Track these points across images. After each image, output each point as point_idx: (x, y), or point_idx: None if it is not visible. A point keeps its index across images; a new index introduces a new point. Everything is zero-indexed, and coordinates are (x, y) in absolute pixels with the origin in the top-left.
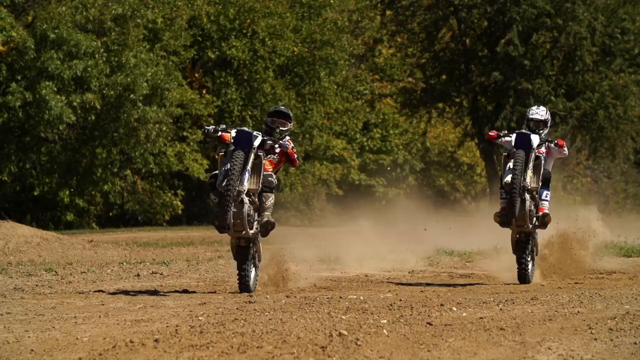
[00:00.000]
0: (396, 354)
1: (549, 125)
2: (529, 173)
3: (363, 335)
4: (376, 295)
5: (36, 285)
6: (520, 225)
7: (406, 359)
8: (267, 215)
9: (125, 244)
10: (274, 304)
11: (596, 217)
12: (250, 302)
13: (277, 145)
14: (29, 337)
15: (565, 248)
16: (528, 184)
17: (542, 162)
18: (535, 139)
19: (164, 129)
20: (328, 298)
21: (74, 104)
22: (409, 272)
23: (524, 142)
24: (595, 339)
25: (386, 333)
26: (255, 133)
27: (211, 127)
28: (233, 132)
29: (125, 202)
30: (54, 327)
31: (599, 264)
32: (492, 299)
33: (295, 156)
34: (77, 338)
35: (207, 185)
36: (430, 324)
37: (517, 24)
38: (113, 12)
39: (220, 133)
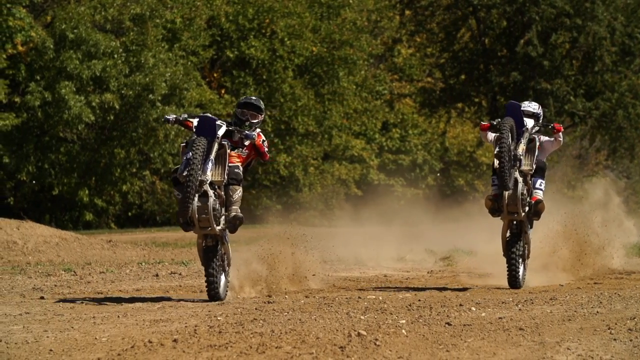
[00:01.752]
0: (415, 354)
1: (540, 120)
2: (522, 146)
3: (382, 335)
4: (395, 295)
5: (55, 285)
6: (512, 211)
7: (425, 359)
8: (235, 209)
9: (144, 244)
10: (293, 304)
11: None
12: (269, 303)
13: (242, 136)
14: (47, 337)
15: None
16: (520, 153)
17: (537, 144)
18: (529, 122)
19: (183, 128)
20: (347, 298)
21: (93, 104)
22: (428, 273)
23: (514, 111)
24: (615, 339)
25: (405, 333)
26: (219, 122)
27: (172, 117)
28: (195, 121)
29: (144, 202)
30: (72, 327)
31: (618, 264)
32: (511, 299)
33: (265, 149)
34: (95, 338)
35: (170, 181)
36: (449, 324)
37: (536, 24)
38: (132, 12)
39: (184, 120)
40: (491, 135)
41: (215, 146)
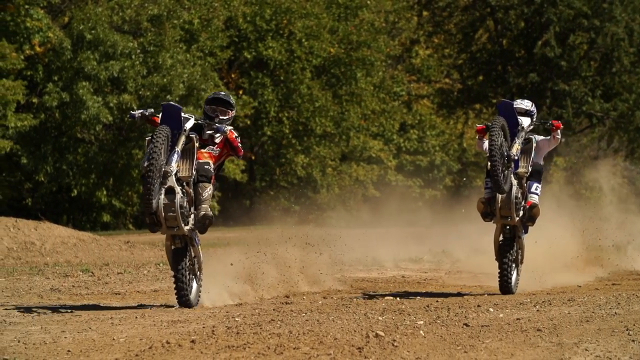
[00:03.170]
0: (433, 355)
1: (534, 118)
2: (516, 146)
3: (400, 336)
4: (413, 296)
5: (72, 286)
6: (505, 215)
7: None
8: (205, 208)
9: (162, 245)
10: (311, 304)
11: None
12: (286, 303)
13: (213, 129)
14: (65, 337)
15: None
16: (514, 154)
17: (534, 145)
18: (525, 120)
19: None
20: (365, 299)
21: (111, 104)
22: (446, 273)
23: (507, 111)
24: (633, 341)
25: (423, 334)
26: (187, 115)
27: (138, 112)
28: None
29: None
30: (90, 328)
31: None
32: (529, 300)
33: (239, 143)
34: (113, 339)
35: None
36: (467, 325)
37: (554, 25)
38: (149, 12)
39: (150, 116)
40: (486, 143)
41: (182, 138)
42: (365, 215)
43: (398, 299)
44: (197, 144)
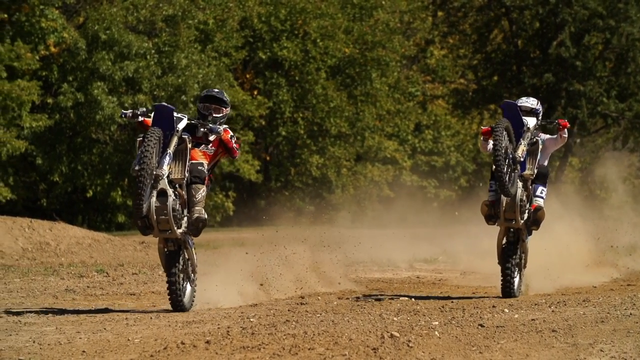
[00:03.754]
0: (448, 355)
1: (539, 117)
2: (522, 147)
3: (415, 336)
4: (427, 296)
5: (87, 286)
6: (509, 218)
7: None
8: (198, 210)
9: None
10: (326, 305)
11: None
12: (301, 304)
13: (206, 130)
14: (80, 338)
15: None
16: (519, 155)
17: (540, 147)
18: (530, 120)
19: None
20: (379, 299)
21: (126, 104)
22: (461, 274)
23: (511, 111)
24: None
25: (438, 335)
26: (180, 114)
27: (129, 111)
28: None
29: None
30: (105, 329)
31: None
32: (544, 301)
33: (234, 144)
34: (128, 339)
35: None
36: (482, 325)
37: (569, 25)
38: (164, 13)
39: (141, 118)
40: (490, 144)
41: (175, 140)
42: (380, 215)
43: (413, 299)
44: (189, 145)
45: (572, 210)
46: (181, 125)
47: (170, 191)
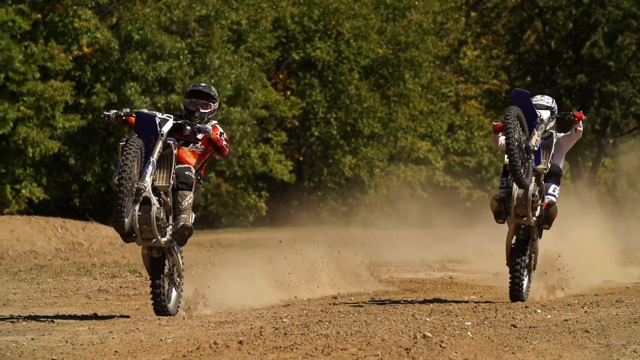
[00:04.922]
0: (480, 356)
1: (555, 115)
2: (536, 137)
3: (447, 337)
4: (460, 297)
5: (120, 286)
6: (520, 214)
7: None
8: (184, 218)
9: (209, 245)
10: (358, 305)
11: None
12: (334, 304)
13: (194, 129)
14: (113, 338)
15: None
16: (533, 144)
17: (554, 140)
18: (544, 113)
19: (248, 130)
20: (412, 300)
21: (159, 105)
22: (494, 275)
23: (522, 100)
24: None
25: (470, 335)
26: (164, 115)
27: (112, 112)
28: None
29: (209, 204)
30: (137, 329)
31: None
32: (577, 302)
33: (224, 143)
34: (161, 339)
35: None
36: (514, 326)
37: (602, 26)
38: (197, 13)
39: (125, 117)
40: (502, 139)
41: (159, 145)
42: (413, 216)
43: (446, 299)
44: (175, 151)
45: (603, 210)
46: (166, 128)
47: (154, 199)
